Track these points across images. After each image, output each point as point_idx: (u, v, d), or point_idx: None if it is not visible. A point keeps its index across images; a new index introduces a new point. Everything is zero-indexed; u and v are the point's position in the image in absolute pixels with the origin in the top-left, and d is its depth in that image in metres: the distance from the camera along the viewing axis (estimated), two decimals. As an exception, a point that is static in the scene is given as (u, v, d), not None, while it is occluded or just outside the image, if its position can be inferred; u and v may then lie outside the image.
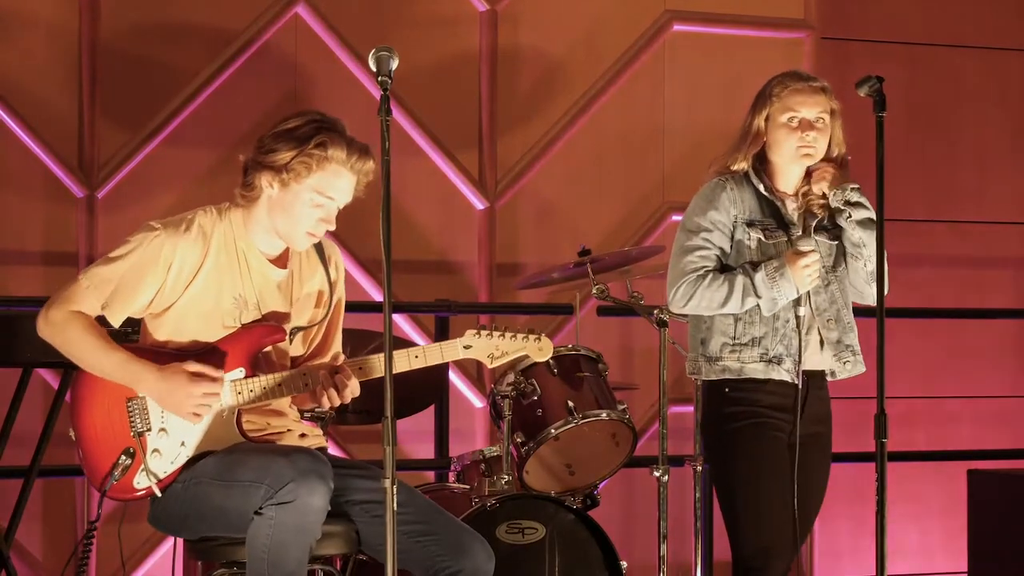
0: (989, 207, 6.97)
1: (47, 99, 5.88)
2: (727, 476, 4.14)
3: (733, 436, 4.10)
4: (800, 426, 4.10)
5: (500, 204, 6.39)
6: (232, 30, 6.08)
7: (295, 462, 3.60)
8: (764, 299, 4.04)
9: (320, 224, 3.78)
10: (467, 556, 3.74)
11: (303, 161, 3.71)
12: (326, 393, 3.75)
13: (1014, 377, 7.00)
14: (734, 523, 4.12)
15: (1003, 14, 7.01)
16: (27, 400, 5.03)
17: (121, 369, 3.69)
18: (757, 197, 4.12)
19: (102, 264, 3.73)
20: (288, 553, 3.59)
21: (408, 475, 5.82)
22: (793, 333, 4.08)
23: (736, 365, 4.09)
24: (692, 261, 4.09)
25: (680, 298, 4.09)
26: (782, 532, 4.06)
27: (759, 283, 4.03)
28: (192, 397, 3.67)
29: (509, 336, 3.81)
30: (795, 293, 4.04)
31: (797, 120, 4.08)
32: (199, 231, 3.76)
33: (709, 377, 4.14)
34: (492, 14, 6.38)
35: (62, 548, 5.82)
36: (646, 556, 6.03)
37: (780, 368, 4.08)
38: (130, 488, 3.73)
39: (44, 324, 3.72)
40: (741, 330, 4.09)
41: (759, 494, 4.06)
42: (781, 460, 4.07)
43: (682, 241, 4.14)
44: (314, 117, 3.77)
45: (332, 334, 4.00)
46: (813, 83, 4.13)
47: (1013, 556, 5.67)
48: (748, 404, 4.08)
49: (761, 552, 4.06)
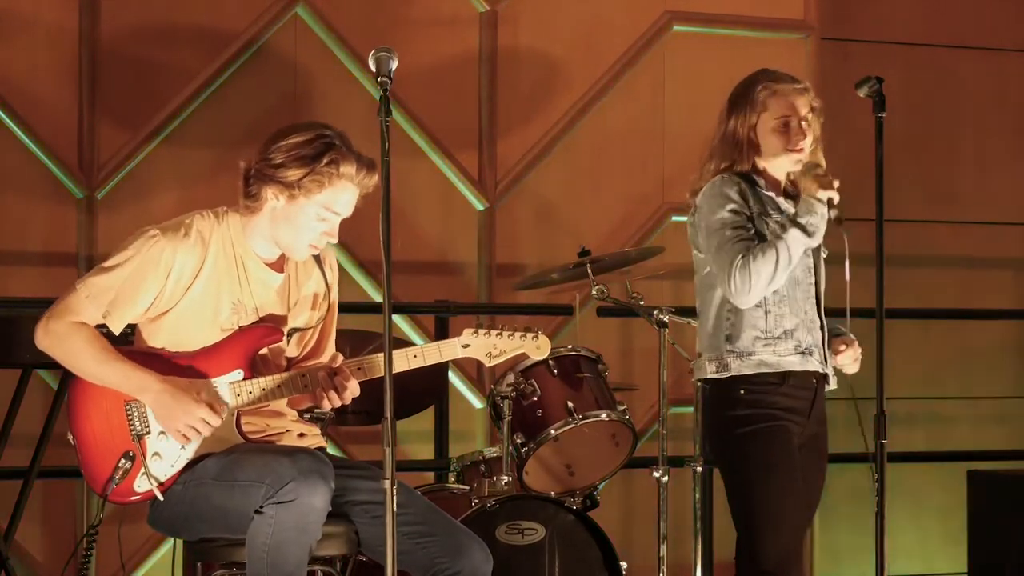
0: (989, 207, 6.97)
1: (47, 99, 5.88)
2: (744, 482, 4.08)
3: (749, 440, 4.06)
4: (807, 426, 4.09)
5: (500, 204, 6.38)
6: (232, 30, 6.08)
7: (297, 462, 3.60)
8: (806, 224, 3.97)
9: (323, 237, 3.79)
10: (466, 558, 3.75)
11: (315, 179, 3.70)
12: (326, 395, 3.75)
13: (1014, 377, 7.00)
14: (752, 529, 4.06)
15: (1003, 14, 7.01)
16: (27, 401, 5.04)
17: (124, 379, 3.68)
18: (761, 197, 4.11)
19: (99, 273, 3.71)
20: (288, 553, 3.59)
21: (408, 476, 5.81)
22: (813, 324, 4.08)
23: (773, 359, 4.05)
24: (734, 247, 4.00)
25: (742, 286, 3.97)
26: (800, 538, 4.07)
27: (794, 217, 3.99)
28: (190, 416, 3.65)
29: (507, 334, 3.81)
30: (825, 205, 3.98)
31: (787, 124, 4.07)
32: (197, 236, 3.75)
33: (742, 372, 4.06)
34: (492, 14, 6.38)
35: (62, 549, 5.82)
36: (646, 557, 6.02)
37: (812, 359, 4.07)
38: (131, 491, 3.73)
39: (44, 336, 3.70)
40: (773, 323, 4.07)
41: (781, 500, 4.02)
42: (795, 463, 4.05)
43: (714, 241, 4.05)
44: (323, 132, 3.75)
45: (327, 336, 4.00)
46: (797, 85, 4.13)
47: (1013, 556, 5.67)
48: (764, 407, 4.05)
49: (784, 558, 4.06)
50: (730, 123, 4.14)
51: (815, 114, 4.12)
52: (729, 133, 4.13)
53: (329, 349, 3.99)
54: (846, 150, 6.60)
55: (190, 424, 3.66)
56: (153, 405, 3.68)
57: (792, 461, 4.05)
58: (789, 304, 4.06)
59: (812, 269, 4.13)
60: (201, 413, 3.66)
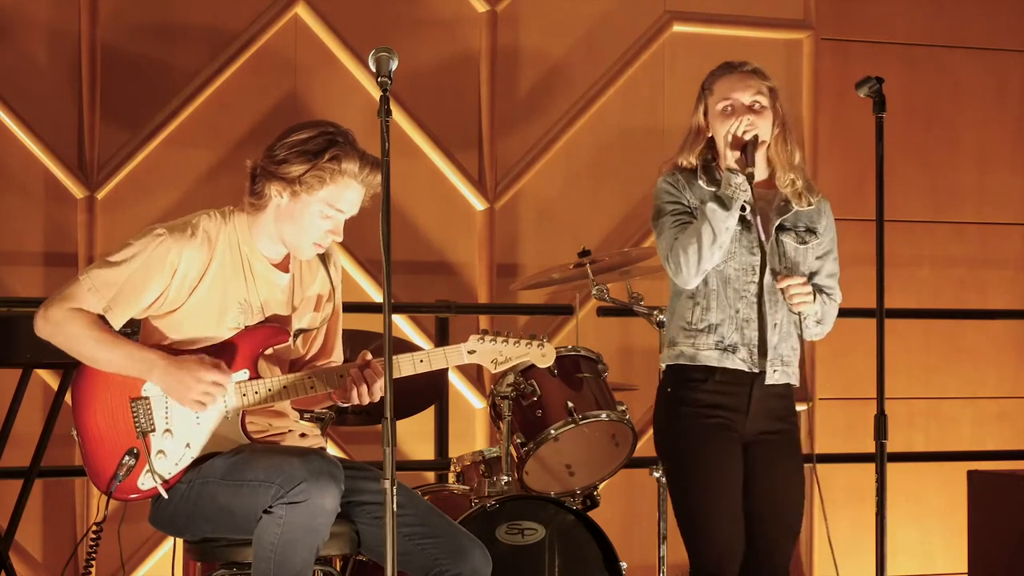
0: (989, 207, 6.97)
1: (47, 99, 5.89)
2: (674, 487, 4.09)
3: (673, 441, 4.07)
4: (751, 423, 4.05)
5: (500, 205, 6.39)
6: (232, 30, 6.08)
7: (308, 462, 3.60)
8: (721, 195, 3.95)
9: (328, 235, 3.79)
10: (467, 560, 3.75)
11: (316, 175, 3.71)
12: (358, 389, 3.75)
13: (1014, 377, 7.00)
14: (687, 535, 4.05)
15: (1003, 14, 7.01)
16: (27, 400, 5.04)
17: (128, 360, 3.67)
18: (702, 191, 4.06)
19: (104, 267, 3.70)
20: (296, 553, 3.59)
21: (408, 476, 5.82)
22: (748, 323, 4.04)
23: (691, 351, 4.05)
24: (668, 232, 4.04)
25: (675, 268, 4.01)
26: (734, 535, 4.02)
27: (715, 191, 3.98)
28: (201, 383, 3.65)
29: (513, 342, 3.82)
30: (740, 175, 3.94)
31: (731, 106, 4.05)
32: (204, 236, 3.74)
33: (666, 362, 4.10)
34: (492, 15, 6.38)
35: (62, 548, 5.83)
36: (646, 557, 6.03)
37: (735, 357, 4.04)
38: (134, 489, 3.72)
39: (44, 323, 3.67)
40: (699, 315, 4.06)
41: (708, 504, 3.99)
42: (726, 460, 4.02)
43: (656, 231, 4.11)
44: (327, 129, 3.76)
45: (333, 335, 4.00)
46: (744, 68, 4.10)
47: (1013, 556, 5.67)
48: (688, 404, 4.04)
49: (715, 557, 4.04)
50: (693, 116, 4.15)
51: (770, 97, 4.08)
52: (691, 124, 4.16)
53: (337, 349, 3.99)
54: (845, 150, 6.62)
55: (204, 390, 3.65)
56: (162, 379, 3.66)
57: (721, 459, 4.01)
58: (716, 299, 4.05)
59: (756, 268, 4.04)
60: (211, 376, 3.65)
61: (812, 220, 4.13)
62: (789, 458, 4.11)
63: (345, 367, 3.80)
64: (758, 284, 4.05)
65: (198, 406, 3.69)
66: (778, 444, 4.09)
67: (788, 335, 4.08)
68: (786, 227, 4.08)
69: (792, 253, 4.08)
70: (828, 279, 4.15)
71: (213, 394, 3.67)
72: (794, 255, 4.08)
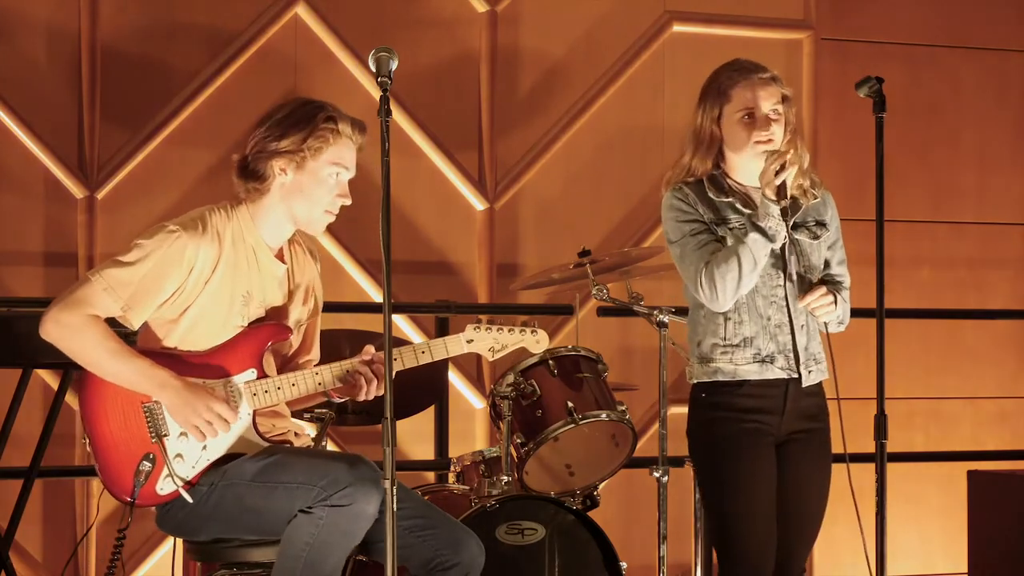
0: (989, 207, 6.97)
1: (47, 99, 5.89)
2: (709, 501, 4.06)
3: (711, 451, 4.03)
4: (785, 424, 4.04)
5: (500, 205, 6.39)
6: (232, 30, 6.08)
7: (355, 467, 3.61)
8: (766, 228, 3.89)
9: (337, 200, 3.79)
10: (464, 549, 3.79)
11: (319, 137, 3.73)
12: (367, 385, 3.76)
13: (1014, 377, 7.00)
14: (720, 549, 4.03)
15: (1003, 14, 7.01)
16: (27, 400, 5.04)
17: (139, 375, 3.64)
18: (714, 203, 4.03)
19: (117, 267, 3.65)
20: (330, 554, 3.59)
21: (408, 476, 5.82)
22: (780, 328, 4.02)
23: (730, 367, 4.01)
24: (695, 255, 3.97)
25: (710, 294, 3.94)
26: (768, 536, 4.01)
27: (754, 220, 3.91)
28: (210, 412, 3.64)
29: (507, 329, 3.91)
30: (777, 205, 3.89)
31: (753, 115, 3.97)
32: (214, 231, 3.74)
33: (702, 379, 4.04)
34: (492, 15, 6.38)
35: (62, 549, 5.82)
36: (646, 557, 6.03)
37: (774, 367, 4.01)
38: (153, 495, 3.69)
39: (54, 326, 3.61)
40: (732, 331, 4.04)
41: (743, 521, 3.97)
42: (762, 469, 3.99)
43: (676, 252, 4.04)
44: (304, 100, 3.82)
45: (313, 333, 4.01)
46: (763, 75, 4.00)
47: (1013, 556, 5.67)
48: (724, 409, 4.00)
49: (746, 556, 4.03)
50: (698, 117, 4.06)
51: (786, 104, 4.02)
52: (697, 127, 4.06)
53: (315, 347, 4.00)
54: (845, 150, 6.62)
55: (208, 420, 3.64)
56: (171, 401, 3.64)
57: (757, 469, 3.98)
58: (748, 311, 4.00)
59: (779, 271, 4.02)
60: (218, 409, 3.65)
61: (819, 212, 4.12)
62: (814, 460, 4.09)
63: (350, 362, 3.80)
64: (783, 287, 4.03)
65: (197, 432, 3.66)
66: (807, 444, 4.07)
67: (814, 333, 4.08)
68: (798, 224, 4.07)
69: (808, 249, 4.07)
70: (839, 266, 4.13)
71: (216, 426, 3.66)
72: (810, 251, 4.07)
